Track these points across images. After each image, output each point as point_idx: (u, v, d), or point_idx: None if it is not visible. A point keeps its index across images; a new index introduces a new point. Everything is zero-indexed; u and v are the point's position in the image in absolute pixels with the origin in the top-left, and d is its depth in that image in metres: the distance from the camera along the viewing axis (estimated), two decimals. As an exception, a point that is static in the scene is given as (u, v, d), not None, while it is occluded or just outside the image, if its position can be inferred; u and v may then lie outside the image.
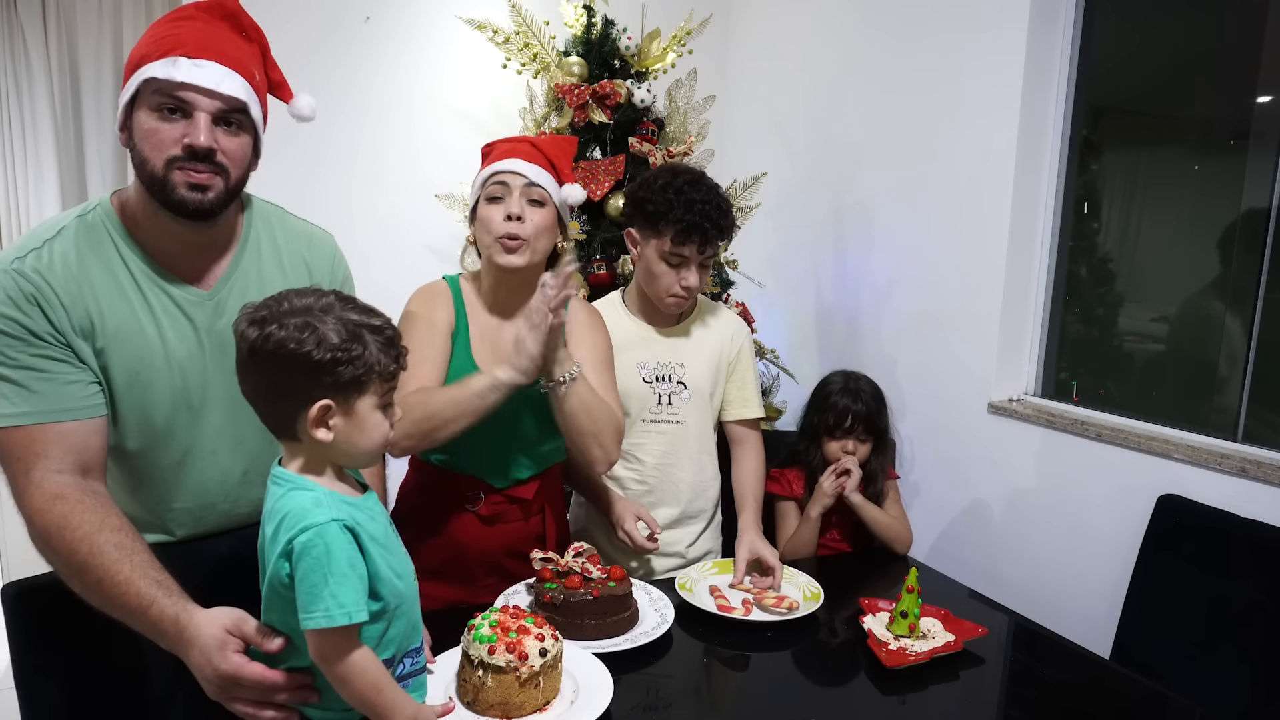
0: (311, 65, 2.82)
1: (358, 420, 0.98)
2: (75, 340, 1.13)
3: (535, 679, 1.08)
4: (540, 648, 1.09)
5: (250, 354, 0.95)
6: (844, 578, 1.70)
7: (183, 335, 1.20)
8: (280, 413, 0.98)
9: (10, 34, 2.73)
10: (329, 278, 1.36)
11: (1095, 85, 2.16)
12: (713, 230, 1.66)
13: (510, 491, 1.52)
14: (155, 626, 1.05)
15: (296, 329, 0.93)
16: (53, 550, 1.09)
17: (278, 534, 0.95)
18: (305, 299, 0.97)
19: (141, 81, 1.10)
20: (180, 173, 1.12)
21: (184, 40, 1.11)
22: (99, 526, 1.08)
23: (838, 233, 2.80)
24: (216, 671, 1.00)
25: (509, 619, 1.12)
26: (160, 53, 1.10)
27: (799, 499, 1.94)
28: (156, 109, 1.11)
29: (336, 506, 0.96)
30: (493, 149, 1.53)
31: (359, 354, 0.96)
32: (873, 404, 1.94)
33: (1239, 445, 1.77)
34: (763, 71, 3.22)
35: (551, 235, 1.50)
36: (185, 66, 1.10)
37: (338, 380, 0.95)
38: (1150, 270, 2.17)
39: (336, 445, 0.98)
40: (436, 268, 1.63)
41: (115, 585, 1.06)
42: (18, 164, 2.81)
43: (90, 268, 1.15)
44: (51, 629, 1.17)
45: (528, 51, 2.52)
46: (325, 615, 0.91)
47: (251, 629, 1.03)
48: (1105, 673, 1.44)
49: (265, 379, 0.96)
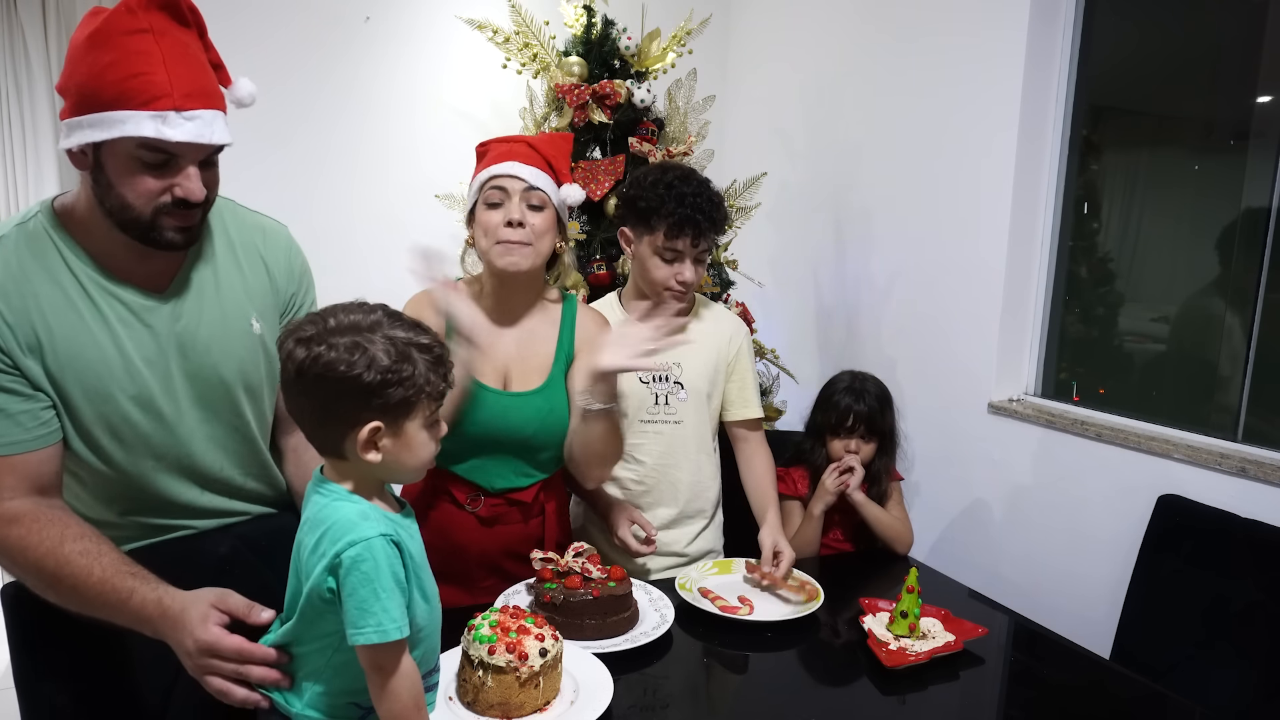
0: (311, 65, 2.82)
1: (406, 440, 0.97)
2: (22, 359, 1.09)
3: (535, 679, 1.08)
4: (540, 648, 1.08)
5: (298, 374, 0.93)
6: (844, 578, 1.70)
7: (140, 342, 1.16)
8: (328, 433, 0.96)
9: (10, 34, 2.74)
10: (285, 271, 1.33)
11: (1095, 85, 2.16)
12: (705, 223, 1.65)
13: (509, 494, 1.52)
14: (138, 615, 1.06)
15: (346, 350, 0.91)
16: (20, 570, 1.10)
17: (320, 544, 0.94)
18: (352, 315, 0.94)
19: (122, 135, 1.03)
20: (169, 219, 1.10)
21: (164, 86, 1.04)
22: (59, 540, 1.08)
23: (838, 233, 2.80)
24: (196, 641, 1.01)
25: (509, 619, 1.12)
26: (142, 100, 1.03)
27: (803, 498, 1.94)
28: (136, 159, 1.06)
29: (383, 521, 0.96)
30: (488, 149, 1.52)
31: (409, 374, 0.93)
32: (877, 404, 1.94)
33: (1239, 445, 1.77)
34: (763, 71, 3.22)
35: (552, 237, 1.50)
36: (177, 122, 1.04)
37: (387, 402, 0.93)
38: (1150, 270, 2.17)
39: (384, 465, 0.97)
40: (436, 268, 1.62)
41: (90, 588, 1.06)
42: (18, 164, 2.81)
43: (34, 279, 1.10)
44: (51, 629, 1.17)
45: (528, 51, 2.52)
46: (378, 630, 0.91)
47: (237, 603, 1.04)
48: (1105, 673, 1.44)
49: (313, 400, 0.94)
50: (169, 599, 1.05)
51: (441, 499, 1.51)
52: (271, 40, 2.76)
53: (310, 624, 0.99)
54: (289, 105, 2.79)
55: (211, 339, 1.22)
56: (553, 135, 1.58)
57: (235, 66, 1.17)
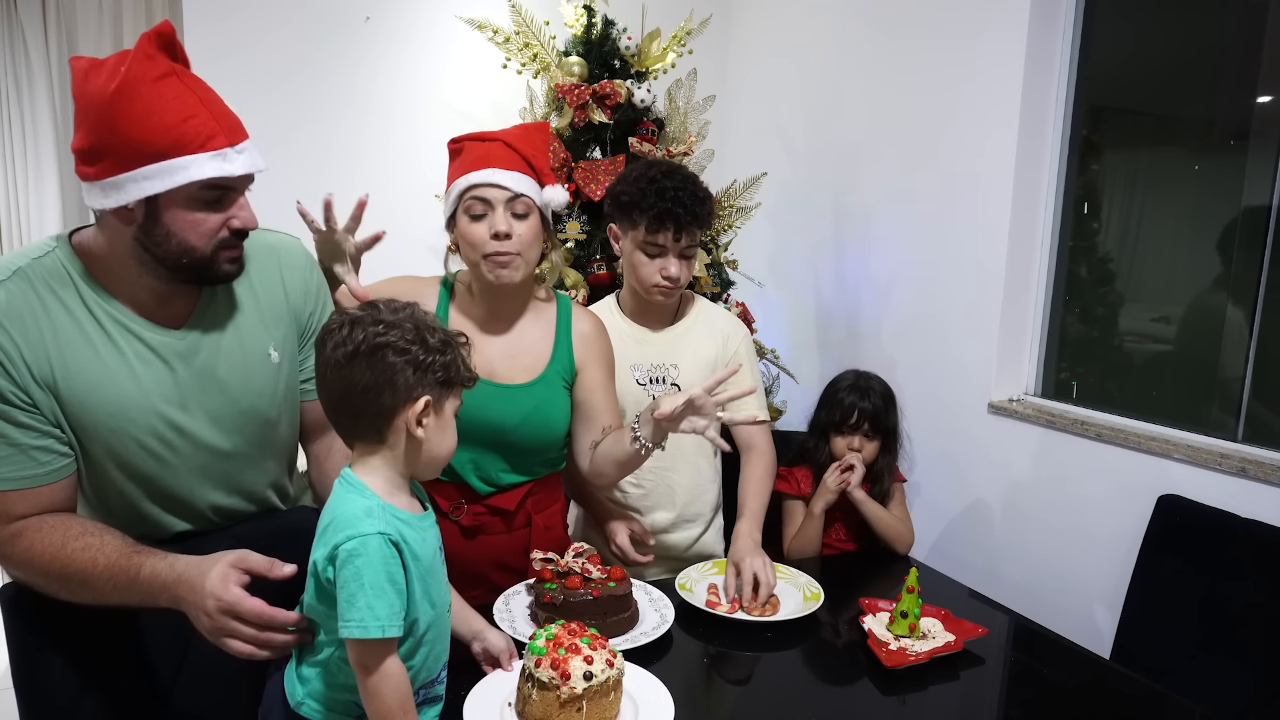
0: (311, 65, 2.82)
1: (444, 422, 1.03)
2: (36, 392, 1.08)
3: (577, 702, 1.04)
4: (586, 670, 1.05)
5: (353, 355, 0.97)
6: (844, 578, 1.70)
7: (159, 378, 1.16)
8: (375, 414, 0.99)
9: (10, 34, 2.73)
10: (302, 291, 1.32)
11: (1095, 85, 2.16)
12: (686, 216, 1.62)
13: (491, 501, 1.50)
14: (151, 586, 1.06)
15: (402, 330, 0.98)
16: (32, 577, 1.11)
17: (325, 533, 0.97)
18: (400, 312, 1.01)
19: (188, 180, 1.06)
20: (227, 252, 1.14)
21: (212, 127, 1.07)
22: (61, 542, 1.08)
23: (838, 233, 2.80)
24: (218, 601, 1.01)
25: (566, 635, 1.09)
26: (198, 143, 1.06)
27: (805, 497, 1.94)
28: (196, 198, 1.09)
29: (386, 520, 0.97)
30: (462, 148, 1.46)
31: (451, 358, 1.02)
32: (881, 403, 1.94)
33: (1239, 445, 1.77)
34: (763, 71, 3.22)
35: (540, 243, 1.46)
36: (233, 158, 1.09)
37: (436, 379, 1.00)
38: (1150, 270, 2.17)
39: (422, 448, 1.01)
40: (436, 267, 1.62)
41: (98, 577, 1.07)
42: (18, 164, 2.80)
43: (52, 314, 1.10)
44: (51, 629, 1.17)
45: (528, 51, 2.52)
46: (359, 625, 0.92)
47: (256, 561, 1.05)
48: (1105, 673, 1.44)
49: (368, 377, 0.97)
50: (182, 564, 1.06)
51: None
52: (271, 40, 2.76)
53: (315, 609, 1.00)
54: (289, 105, 2.79)
55: (230, 373, 1.22)
56: (529, 128, 1.50)
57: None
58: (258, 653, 1.02)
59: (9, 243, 2.86)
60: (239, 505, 1.29)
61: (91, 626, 1.16)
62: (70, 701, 1.18)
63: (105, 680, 1.20)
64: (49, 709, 1.19)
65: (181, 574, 1.05)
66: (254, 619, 1.01)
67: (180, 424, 1.18)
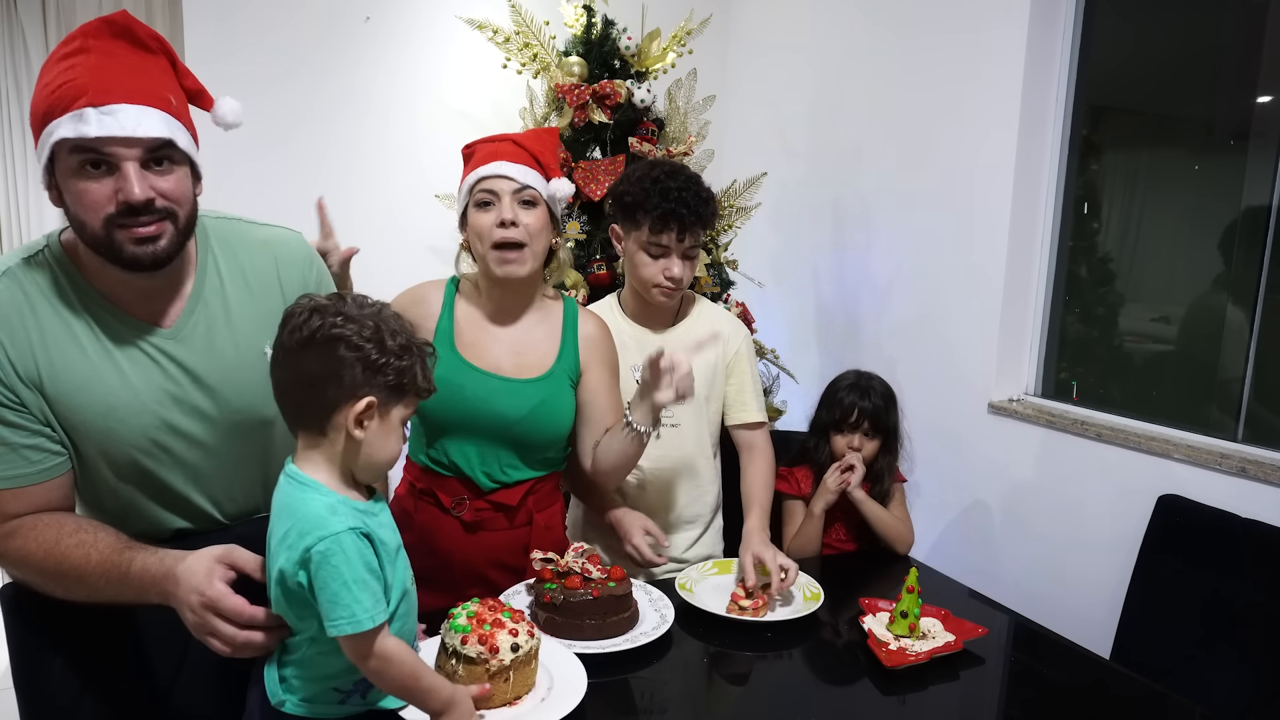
0: (311, 65, 2.82)
1: (388, 428, 1.01)
2: (23, 391, 1.07)
3: (505, 673, 1.08)
4: (512, 642, 1.09)
5: (308, 340, 0.96)
6: (844, 578, 1.70)
7: (149, 376, 1.14)
8: (319, 405, 0.98)
9: (10, 34, 2.74)
10: (300, 284, 1.29)
11: (1095, 85, 2.16)
12: (690, 216, 1.63)
13: (494, 497, 1.50)
14: (141, 581, 1.06)
15: (366, 324, 0.97)
16: (28, 575, 1.12)
17: (289, 537, 0.95)
18: (366, 302, 1.01)
19: (54, 144, 1.00)
20: (123, 231, 1.04)
21: (84, 86, 0.99)
22: (55, 540, 1.08)
23: (838, 233, 2.80)
24: (201, 596, 1.01)
25: (486, 611, 1.13)
26: (63, 106, 0.99)
27: (806, 497, 1.94)
28: (78, 168, 1.01)
29: (351, 514, 0.97)
30: (474, 151, 1.50)
31: (409, 365, 1.00)
32: (881, 402, 1.93)
33: (1239, 445, 1.78)
34: (763, 71, 3.22)
35: (547, 234, 1.48)
36: (94, 118, 0.98)
37: (386, 382, 0.98)
38: (1150, 270, 2.17)
39: (360, 448, 1.00)
40: (436, 268, 1.63)
41: (91, 573, 1.07)
42: (18, 164, 2.81)
43: (39, 313, 1.09)
44: (51, 629, 1.17)
45: (528, 51, 2.52)
46: (350, 621, 0.93)
47: (244, 558, 1.05)
48: (1105, 673, 1.44)
49: (316, 366, 0.97)
50: (171, 558, 1.05)
51: (426, 502, 1.50)
52: (271, 40, 2.76)
53: (284, 612, 1.00)
54: (288, 105, 2.79)
55: (224, 372, 1.20)
56: (538, 131, 1.56)
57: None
58: (237, 653, 1.02)
59: (9, 243, 2.86)
60: (238, 504, 1.28)
61: (91, 626, 1.16)
62: (70, 701, 1.18)
63: (105, 680, 1.20)
64: (49, 709, 1.19)
65: (170, 569, 1.05)
66: (233, 617, 1.01)
67: (173, 423, 1.17)
